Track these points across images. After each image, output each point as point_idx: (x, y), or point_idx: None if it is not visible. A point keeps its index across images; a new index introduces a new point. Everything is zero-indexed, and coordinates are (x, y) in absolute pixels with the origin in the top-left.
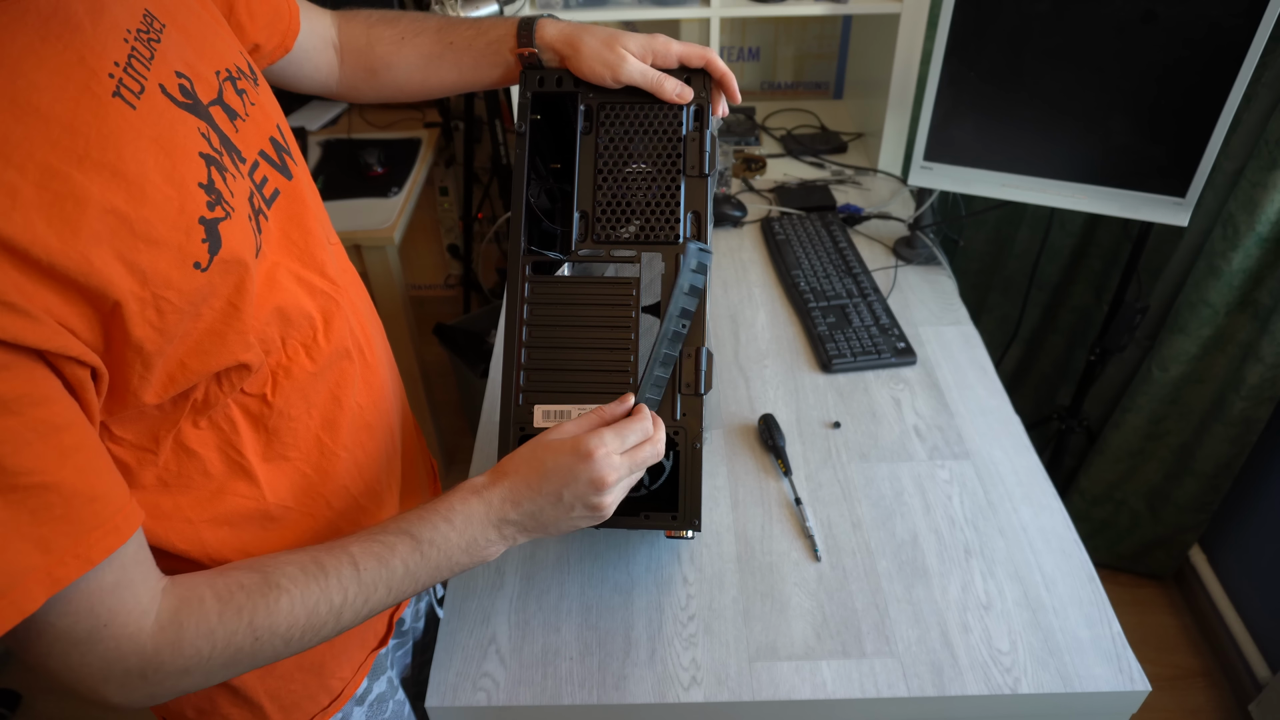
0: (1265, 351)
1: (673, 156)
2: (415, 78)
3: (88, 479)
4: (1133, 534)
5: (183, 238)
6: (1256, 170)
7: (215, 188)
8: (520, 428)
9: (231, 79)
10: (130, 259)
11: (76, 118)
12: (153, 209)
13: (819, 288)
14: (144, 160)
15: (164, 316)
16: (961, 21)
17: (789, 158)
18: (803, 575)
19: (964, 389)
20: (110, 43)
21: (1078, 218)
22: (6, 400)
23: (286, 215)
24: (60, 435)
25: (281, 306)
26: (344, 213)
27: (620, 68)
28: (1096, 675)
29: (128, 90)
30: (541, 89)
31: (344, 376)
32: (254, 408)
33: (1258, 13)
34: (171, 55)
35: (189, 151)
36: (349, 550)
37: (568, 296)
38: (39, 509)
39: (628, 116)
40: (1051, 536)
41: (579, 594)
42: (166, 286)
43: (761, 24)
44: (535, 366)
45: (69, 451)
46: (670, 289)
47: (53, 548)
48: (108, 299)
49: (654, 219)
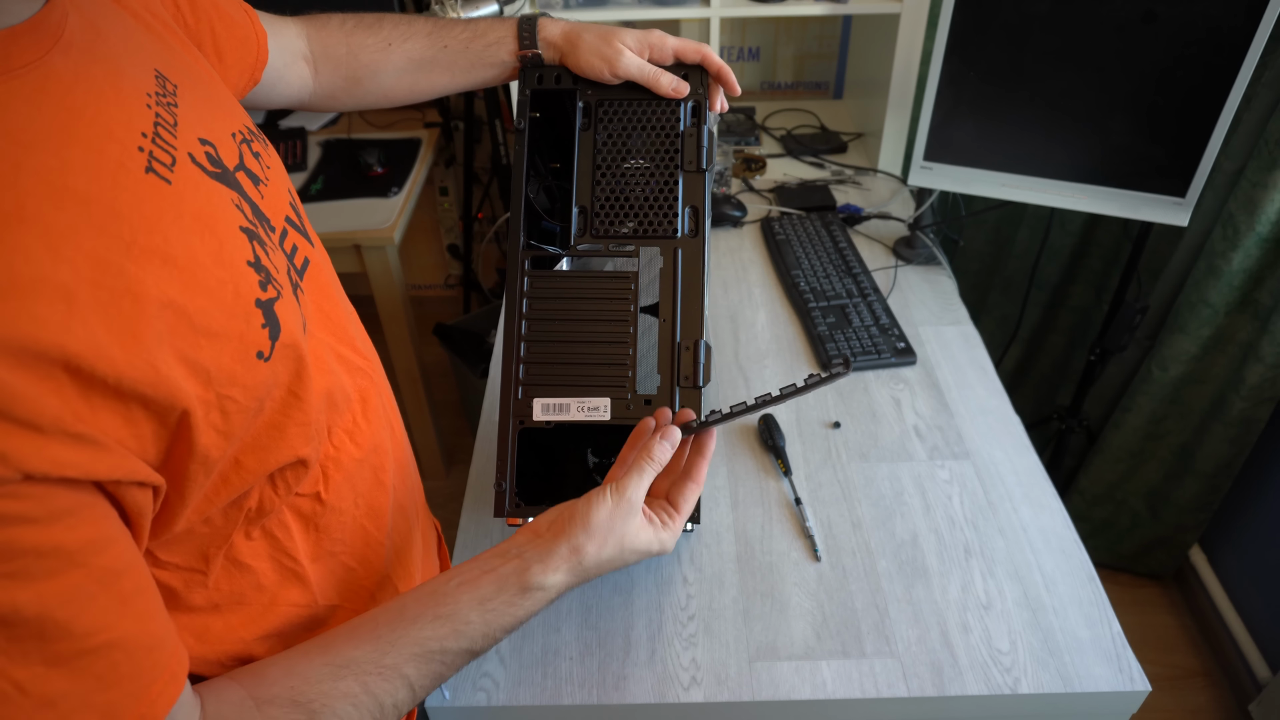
0: (1265, 351)
1: (670, 152)
2: (404, 83)
3: (147, 626)
4: (1133, 534)
5: (243, 326)
6: (1256, 170)
7: (262, 264)
8: (520, 420)
9: (246, 140)
10: (192, 358)
11: (117, 199)
12: (208, 297)
13: (819, 288)
14: (190, 242)
15: (229, 419)
16: (961, 21)
17: (789, 158)
18: (803, 575)
19: (964, 389)
20: (135, 110)
21: (1078, 218)
22: (72, 552)
23: (317, 286)
24: (121, 581)
25: (329, 390)
26: (344, 213)
27: (617, 61)
28: (1096, 675)
29: (160, 164)
30: (540, 86)
31: (384, 459)
32: (307, 508)
33: (1258, 13)
34: (192, 119)
35: (231, 227)
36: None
37: (566, 291)
38: (105, 673)
39: (626, 112)
40: (1051, 536)
41: (579, 594)
42: (231, 384)
43: (761, 24)
44: (534, 360)
45: (129, 598)
46: (672, 282)
47: (119, 712)
48: (175, 409)
49: (652, 214)
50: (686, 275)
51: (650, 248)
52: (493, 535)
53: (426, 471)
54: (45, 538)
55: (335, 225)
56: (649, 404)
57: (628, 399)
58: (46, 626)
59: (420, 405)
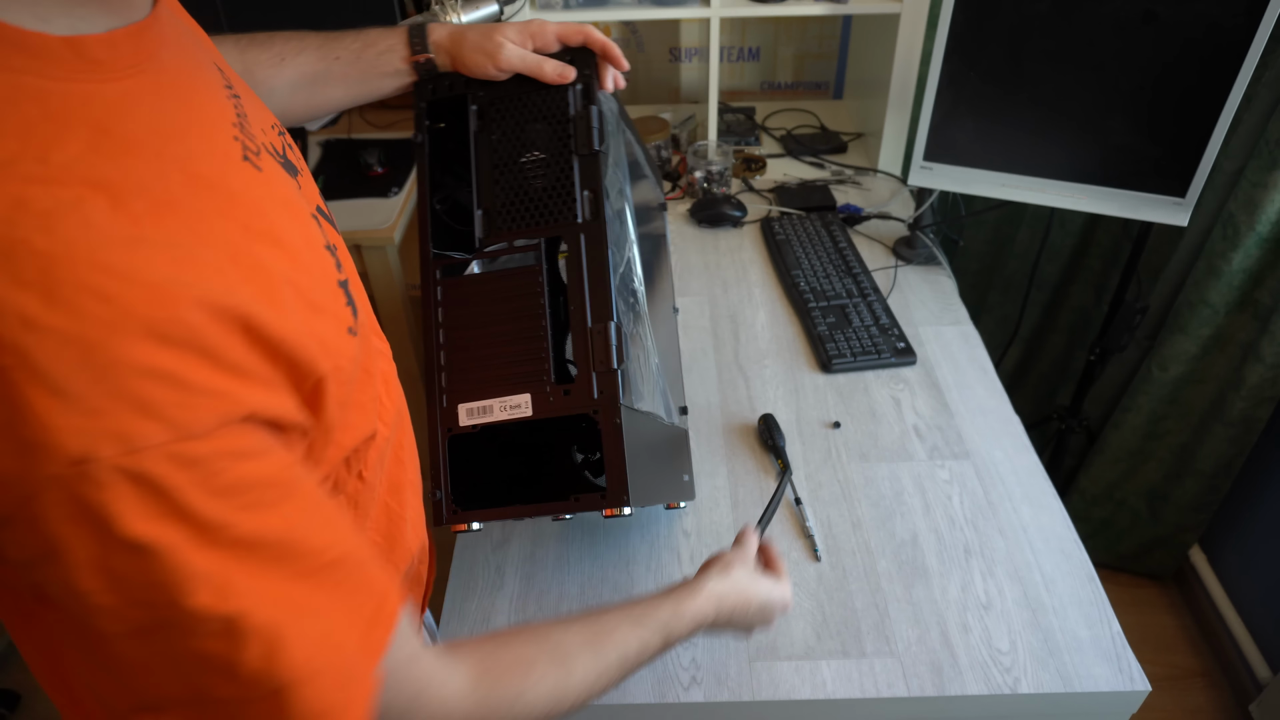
0: (1265, 351)
1: (564, 138)
2: (299, 99)
3: (360, 543)
4: (1133, 534)
5: (334, 303)
6: (1256, 170)
7: (331, 248)
8: (448, 429)
9: (281, 133)
10: (314, 330)
11: (231, 185)
12: (309, 276)
13: (819, 288)
14: (287, 226)
15: (345, 388)
16: (961, 21)
17: (789, 158)
18: (803, 575)
19: (964, 389)
20: (223, 102)
21: (1078, 218)
22: (289, 481)
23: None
24: (326, 505)
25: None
26: (344, 213)
27: (499, 54)
28: (1096, 675)
29: (250, 153)
30: (435, 96)
31: (403, 436)
32: (353, 488)
33: (1258, 13)
34: (251, 112)
35: (305, 214)
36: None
37: (476, 294)
38: (343, 582)
39: (517, 107)
40: (1051, 536)
41: (579, 594)
42: (341, 355)
43: (761, 24)
44: (454, 366)
45: (336, 520)
46: (578, 267)
47: (364, 620)
48: (313, 375)
49: (551, 204)
50: (591, 259)
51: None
52: (492, 534)
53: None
54: (269, 469)
55: None
56: (568, 394)
57: (547, 391)
58: (292, 547)
59: (420, 405)
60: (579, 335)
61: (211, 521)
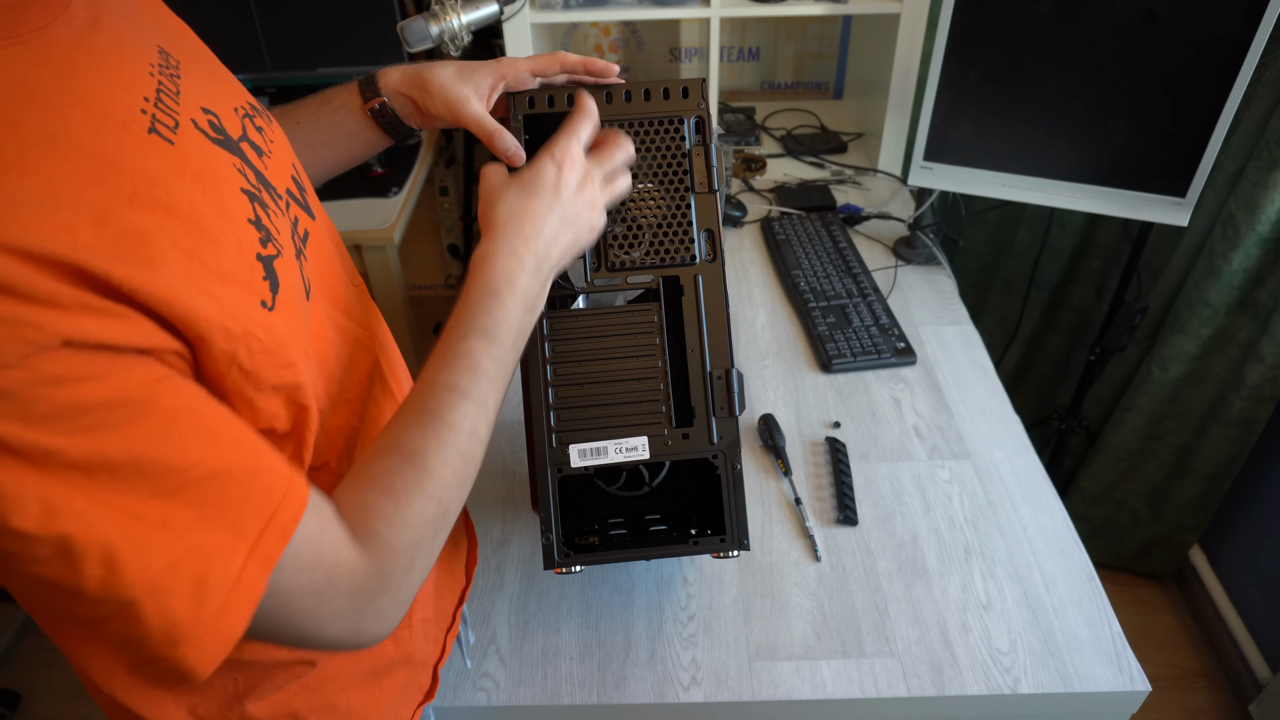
0: (1265, 351)
1: (679, 173)
2: None
3: (245, 454)
4: (1133, 534)
5: (247, 274)
6: (1256, 170)
7: (263, 224)
8: (558, 469)
9: (249, 115)
10: (210, 290)
11: (119, 154)
12: (213, 243)
13: (819, 288)
14: (193, 197)
15: (254, 357)
16: (961, 21)
17: (789, 158)
18: (803, 575)
19: (964, 389)
20: (138, 76)
21: (1078, 218)
22: (140, 400)
23: (319, 258)
24: (203, 418)
25: (324, 359)
26: (344, 213)
27: (459, 109)
28: (1096, 675)
29: (163, 125)
30: (532, 110)
31: (375, 426)
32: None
33: (1258, 13)
34: (194, 90)
35: (232, 187)
36: (444, 382)
37: (589, 330)
38: (217, 498)
39: (627, 133)
40: (1051, 536)
41: (579, 594)
42: (251, 323)
43: (761, 24)
44: (565, 405)
45: (218, 432)
46: (695, 309)
47: (251, 531)
48: (194, 325)
49: (666, 240)
50: (709, 302)
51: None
52: (491, 534)
53: None
54: (108, 391)
55: (335, 225)
56: (686, 438)
57: (665, 434)
58: (143, 467)
59: None
60: (697, 378)
61: (34, 447)
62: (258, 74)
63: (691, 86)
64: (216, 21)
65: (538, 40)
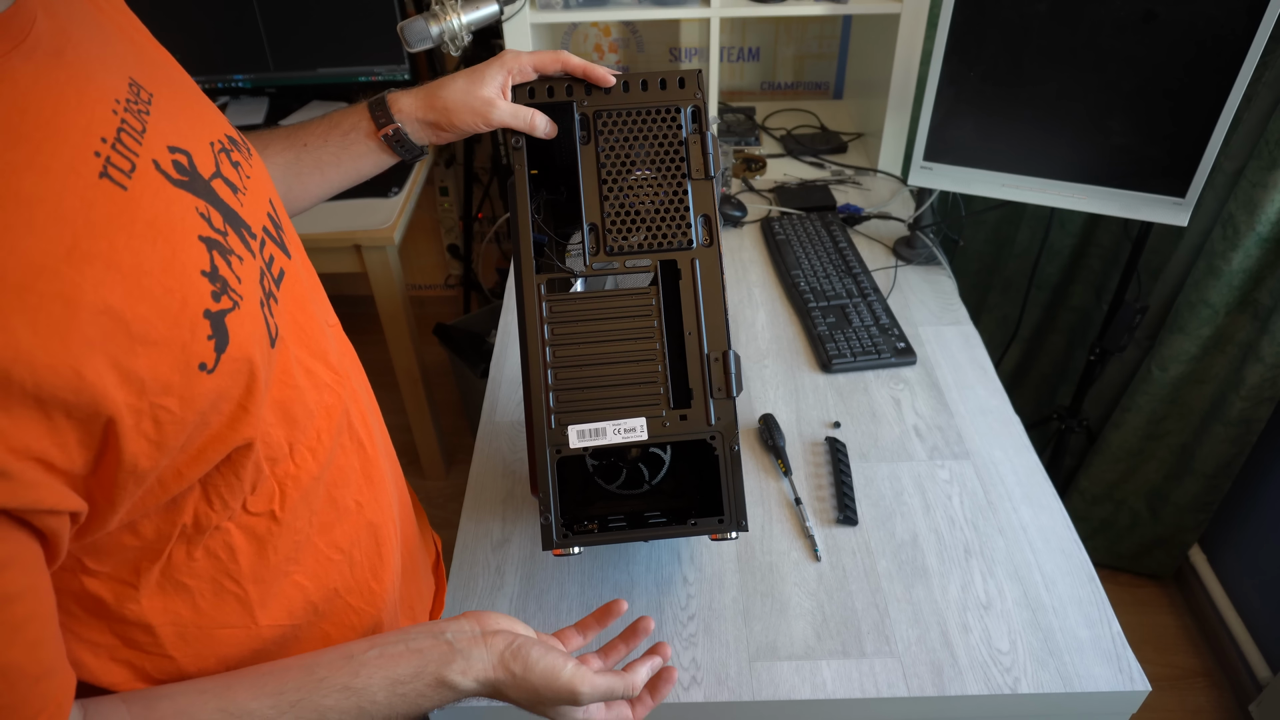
0: (1265, 351)
1: (676, 160)
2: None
3: (37, 654)
4: (1133, 534)
5: (186, 335)
6: (1256, 170)
7: (220, 274)
8: (556, 450)
9: (225, 150)
10: (126, 366)
11: (62, 203)
12: (150, 305)
13: (819, 288)
14: (139, 249)
15: (162, 429)
16: (961, 21)
17: (789, 158)
18: (803, 575)
19: (964, 389)
20: (97, 116)
21: (1078, 218)
22: None
23: (293, 298)
24: (13, 606)
25: (288, 406)
26: (344, 213)
27: (489, 113)
28: (1096, 675)
29: (117, 169)
30: (533, 100)
31: (341, 474)
32: (261, 527)
33: (1258, 13)
34: (164, 127)
35: (188, 235)
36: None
37: (588, 312)
38: None
39: (626, 122)
40: (1051, 536)
41: (579, 594)
42: (165, 394)
43: (761, 24)
44: (564, 387)
45: (21, 625)
46: (692, 292)
47: None
48: (100, 416)
49: (664, 226)
50: (706, 285)
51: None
52: (491, 534)
53: (426, 472)
54: None
55: (335, 225)
56: (684, 419)
57: (662, 415)
58: None
59: (420, 405)
60: (694, 360)
61: None
62: (260, 74)
63: (688, 77)
64: (219, 22)
65: (538, 40)
